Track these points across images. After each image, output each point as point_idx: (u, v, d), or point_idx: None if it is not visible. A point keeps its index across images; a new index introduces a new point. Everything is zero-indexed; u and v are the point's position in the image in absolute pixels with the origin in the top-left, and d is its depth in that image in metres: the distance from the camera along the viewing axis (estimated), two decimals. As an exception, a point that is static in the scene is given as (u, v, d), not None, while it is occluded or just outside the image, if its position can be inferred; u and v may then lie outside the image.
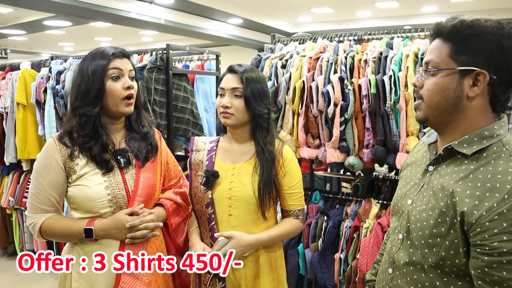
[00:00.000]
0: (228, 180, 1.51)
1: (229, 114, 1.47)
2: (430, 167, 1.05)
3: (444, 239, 0.94)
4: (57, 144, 1.40)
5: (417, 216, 1.01)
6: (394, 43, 2.11)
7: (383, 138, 1.98)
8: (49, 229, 1.38)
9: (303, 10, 8.01)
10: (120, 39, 10.79)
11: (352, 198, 2.35)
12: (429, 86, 0.98)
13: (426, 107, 1.00)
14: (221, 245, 1.43)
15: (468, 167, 0.95)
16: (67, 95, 3.15)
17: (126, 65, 1.40)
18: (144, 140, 1.49)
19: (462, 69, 0.94)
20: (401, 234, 1.07)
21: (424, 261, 0.98)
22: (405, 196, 1.10)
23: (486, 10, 7.54)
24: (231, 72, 1.50)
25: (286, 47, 2.44)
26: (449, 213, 0.93)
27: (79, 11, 5.32)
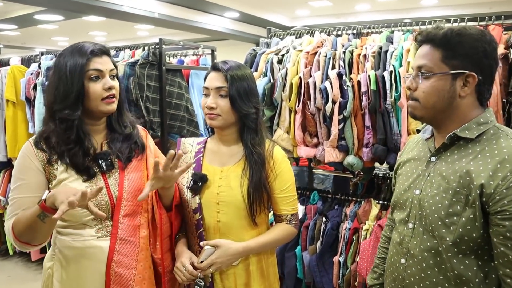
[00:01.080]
0: (216, 184, 1.42)
1: (214, 115, 1.38)
2: (432, 158, 1.17)
3: (460, 216, 1.05)
4: (34, 149, 1.31)
5: (430, 201, 1.11)
6: (395, 37, 2.02)
7: (384, 136, 1.90)
8: (17, 223, 1.24)
9: (301, 4, 7.88)
10: (114, 33, 10.65)
11: (352, 198, 2.27)
12: (425, 89, 1.10)
13: (422, 107, 1.12)
14: (207, 254, 1.34)
15: (474, 150, 1.08)
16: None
17: (106, 64, 1.31)
18: (126, 140, 1.40)
19: (454, 73, 1.07)
20: (411, 224, 1.17)
21: (441, 242, 1.08)
22: (410, 188, 1.20)
23: (487, 3, 7.43)
24: (215, 70, 1.41)
25: (282, 41, 2.35)
26: (463, 191, 1.05)
27: (70, 5, 5.19)
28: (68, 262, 1.32)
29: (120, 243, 1.32)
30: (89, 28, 9.90)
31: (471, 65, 1.07)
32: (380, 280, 1.38)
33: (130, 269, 1.33)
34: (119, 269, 1.31)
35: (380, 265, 1.40)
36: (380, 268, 1.40)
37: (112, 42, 11.57)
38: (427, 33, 1.11)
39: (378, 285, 1.39)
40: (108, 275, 1.30)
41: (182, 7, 6.90)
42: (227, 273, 1.41)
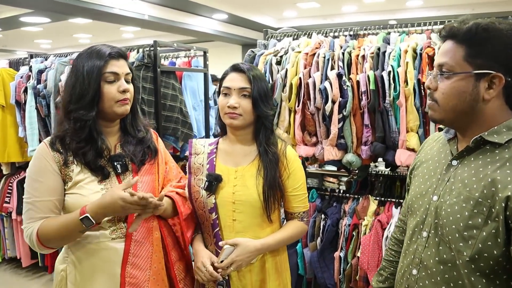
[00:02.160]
0: (231, 184, 1.45)
1: (236, 115, 1.41)
2: (454, 161, 1.05)
3: (481, 230, 0.93)
4: (50, 150, 1.32)
5: (448, 210, 1.00)
6: (391, 38, 2.08)
7: (382, 134, 1.96)
8: (46, 232, 1.25)
9: (289, 5, 7.95)
10: (100, 35, 10.55)
11: (350, 195, 2.33)
12: (445, 90, 0.99)
13: (442, 109, 1.02)
14: (227, 253, 1.37)
15: (502, 156, 0.96)
16: (50, 94, 3.04)
17: (123, 68, 1.34)
18: (140, 144, 1.43)
19: (478, 73, 0.95)
20: (426, 232, 1.06)
21: (458, 256, 0.97)
22: (427, 193, 1.09)
23: (470, 4, 7.62)
24: (237, 71, 1.44)
25: (279, 43, 2.39)
26: (486, 202, 0.93)
27: (60, 7, 5.13)
28: (82, 264, 1.33)
29: (135, 244, 1.34)
30: (74, 30, 9.78)
31: (498, 64, 0.95)
32: (386, 284, 1.32)
33: (145, 271, 1.35)
34: (133, 270, 1.33)
35: (387, 268, 1.33)
36: (386, 271, 1.33)
37: (97, 44, 11.45)
38: (450, 28, 0.99)
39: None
40: (123, 276, 1.31)
41: (171, 9, 6.90)
42: (243, 271, 1.44)
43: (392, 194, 2.48)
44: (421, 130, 1.89)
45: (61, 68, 3.07)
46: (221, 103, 1.44)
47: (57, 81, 3.01)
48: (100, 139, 1.34)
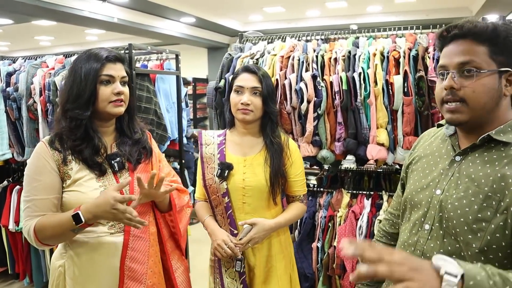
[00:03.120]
0: (241, 172, 1.64)
1: (248, 111, 1.61)
2: (457, 157, 1.09)
3: (490, 223, 0.97)
4: (49, 149, 1.36)
5: (455, 204, 1.03)
6: (360, 42, 2.24)
7: (354, 131, 2.11)
8: (43, 228, 1.30)
9: (256, 9, 8.11)
10: (62, 37, 10.27)
11: (324, 189, 2.47)
12: (477, 87, 1.00)
13: (471, 109, 1.01)
14: (245, 232, 1.57)
15: (508, 154, 1.00)
16: (21, 97, 3.00)
17: (119, 71, 1.41)
18: (136, 145, 1.49)
19: (501, 70, 1.00)
20: (428, 225, 1.09)
21: (466, 248, 1.00)
22: (428, 187, 1.12)
23: (424, 11, 8.07)
24: (249, 72, 1.64)
25: (255, 46, 2.50)
26: (495, 196, 0.97)
27: (27, 9, 4.98)
28: (81, 259, 1.38)
29: (133, 239, 1.40)
30: (36, 32, 9.48)
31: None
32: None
33: (143, 264, 1.41)
34: (132, 264, 1.38)
35: None
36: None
37: (58, 47, 11.12)
38: (469, 28, 1.01)
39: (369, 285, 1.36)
40: (122, 270, 1.37)
41: (140, 12, 6.86)
42: (255, 248, 1.67)
43: (361, 187, 2.64)
44: (390, 126, 2.05)
45: (32, 71, 3.03)
46: (235, 100, 1.63)
47: (29, 84, 2.98)
48: (97, 137, 1.40)
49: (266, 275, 1.69)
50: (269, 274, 1.69)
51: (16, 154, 3.16)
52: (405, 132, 2.02)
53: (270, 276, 1.69)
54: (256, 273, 1.68)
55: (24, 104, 2.97)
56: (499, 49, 0.99)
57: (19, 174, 3.50)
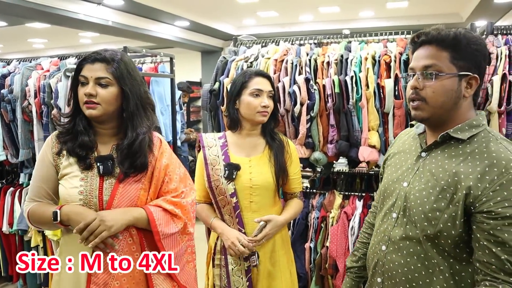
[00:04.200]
0: (247, 172, 1.71)
1: (267, 113, 1.73)
2: (423, 153, 1.22)
3: (443, 212, 1.10)
4: (53, 139, 1.44)
5: (416, 194, 1.16)
6: (352, 46, 2.30)
7: (346, 133, 2.15)
8: (33, 215, 1.41)
9: (250, 14, 8.17)
10: (56, 40, 10.25)
11: (317, 191, 2.51)
12: (436, 88, 1.12)
13: (430, 107, 1.14)
14: (260, 228, 1.65)
15: (464, 151, 1.12)
16: (16, 99, 3.00)
17: (95, 71, 1.35)
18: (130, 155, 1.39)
19: (461, 74, 1.11)
20: (395, 214, 1.23)
21: (422, 233, 1.13)
22: (398, 180, 1.25)
23: (416, 16, 8.19)
24: (263, 76, 1.75)
25: (249, 49, 2.54)
26: (449, 190, 1.10)
27: (22, 11, 4.98)
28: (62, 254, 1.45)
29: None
30: (29, 35, 9.46)
31: (474, 67, 1.11)
32: (359, 263, 1.47)
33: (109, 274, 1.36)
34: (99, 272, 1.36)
35: (360, 249, 1.48)
36: (360, 252, 1.48)
37: (51, 50, 11.09)
38: (433, 34, 1.12)
39: (357, 267, 1.47)
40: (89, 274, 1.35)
41: (135, 15, 6.88)
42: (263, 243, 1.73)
43: (353, 189, 2.68)
44: (381, 129, 2.10)
45: (27, 73, 3.04)
46: (254, 103, 1.70)
47: (24, 86, 2.98)
48: (85, 134, 1.41)
49: (270, 270, 1.75)
50: (273, 270, 1.75)
51: (10, 156, 3.16)
52: (396, 134, 2.06)
53: (274, 272, 1.75)
54: (261, 269, 1.73)
55: (19, 106, 2.98)
56: (460, 55, 1.10)
57: (13, 176, 3.49)
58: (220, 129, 2.41)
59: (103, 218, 1.30)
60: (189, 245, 1.51)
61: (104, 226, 1.29)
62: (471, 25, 2.20)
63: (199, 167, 1.77)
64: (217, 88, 2.33)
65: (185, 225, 1.47)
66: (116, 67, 1.37)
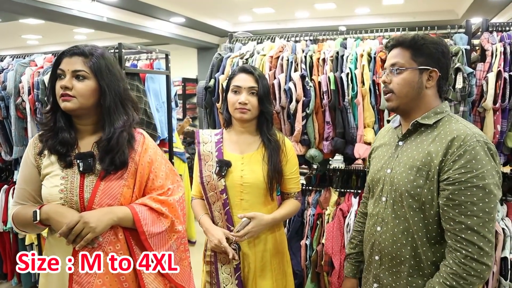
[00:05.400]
0: (239, 169, 1.69)
1: (246, 110, 1.66)
2: (400, 142, 1.42)
3: (422, 188, 1.29)
4: (36, 139, 1.42)
5: (398, 177, 1.35)
6: (348, 43, 2.29)
7: (342, 130, 2.15)
8: (17, 218, 1.39)
9: (245, 10, 8.13)
10: (51, 37, 10.16)
11: (313, 188, 2.50)
12: (399, 81, 1.35)
13: (397, 97, 1.36)
14: (243, 225, 1.62)
15: (432, 134, 1.32)
16: (9, 96, 2.98)
17: (72, 64, 1.33)
18: (108, 151, 1.37)
19: (421, 68, 1.33)
20: (384, 197, 1.41)
21: (409, 210, 1.32)
22: (382, 168, 1.44)
23: (411, 13, 8.19)
24: (246, 73, 1.69)
25: (245, 46, 2.52)
26: (424, 168, 1.29)
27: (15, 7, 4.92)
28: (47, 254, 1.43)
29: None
30: (23, 31, 9.36)
31: (433, 62, 1.33)
32: (357, 249, 1.65)
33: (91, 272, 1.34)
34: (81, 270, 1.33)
35: (357, 237, 1.67)
36: (356, 239, 1.66)
37: (46, 47, 11.00)
38: (397, 39, 1.37)
39: (355, 253, 1.66)
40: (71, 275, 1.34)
41: (130, 11, 6.83)
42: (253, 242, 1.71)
43: (349, 186, 2.68)
44: (377, 126, 2.10)
45: (21, 69, 3.01)
46: (232, 99, 1.67)
47: (17, 83, 2.96)
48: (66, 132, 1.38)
49: (261, 270, 1.73)
50: (264, 270, 1.74)
51: (4, 154, 3.13)
52: (391, 131, 2.07)
53: (265, 272, 1.74)
54: (251, 268, 1.72)
55: (12, 103, 2.95)
56: (419, 52, 1.33)
57: (6, 174, 3.47)
58: (216, 126, 2.40)
59: (86, 220, 1.28)
60: (180, 242, 1.49)
61: (88, 228, 1.28)
62: (467, 22, 2.20)
63: (195, 163, 1.77)
64: (212, 85, 2.32)
65: (173, 223, 1.44)
66: (94, 62, 1.35)
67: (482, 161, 1.20)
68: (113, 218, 1.33)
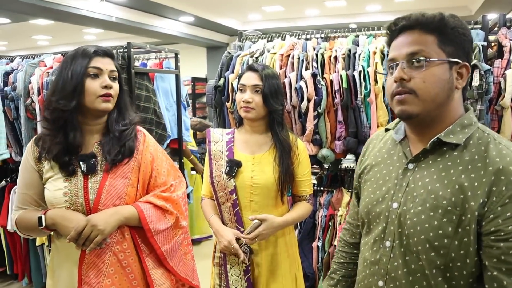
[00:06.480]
0: (249, 169, 1.65)
1: (250, 109, 1.62)
2: (410, 165, 1.00)
3: (452, 239, 0.90)
4: (32, 145, 1.40)
5: (414, 219, 0.95)
6: (360, 40, 2.23)
7: (355, 130, 2.10)
8: (20, 222, 1.39)
9: (255, 8, 8.10)
10: (60, 37, 10.25)
11: (324, 188, 2.46)
12: (426, 77, 0.92)
13: (422, 100, 0.93)
14: (254, 226, 1.57)
15: (462, 159, 0.92)
16: (19, 97, 2.98)
17: (107, 65, 1.36)
18: (117, 141, 1.38)
19: (451, 61, 0.93)
20: (389, 242, 1.00)
21: (430, 266, 0.93)
22: (384, 199, 1.03)
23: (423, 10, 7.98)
24: (252, 70, 1.65)
25: (255, 44, 2.48)
26: (455, 210, 0.89)
27: (25, 8, 4.95)
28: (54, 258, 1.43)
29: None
30: (33, 31, 9.46)
31: (463, 54, 0.95)
32: (338, 287, 1.25)
33: (100, 272, 1.33)
34: (89, 270, 1.33)
35: (338, 271, 1.26)
36: (338, 274, 1.26)
37: (56, 47, 11.10)
38: (417, 18, 0.96)
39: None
40: (80, 273, 1.33)
41: (139, 11, 6.85)
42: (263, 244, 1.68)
43: (362, 187, 2.63)
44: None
45: (30, 70, 3.01)
46: (237, 98, 1.65)
47: (27, 83, 2.96)
48: (73, 134, 1.34)
49: (271, 273, 1.70)
50: (274, 273, 1.70)
51: (14, 154, 3.14)
52: (405, 130, 2.01)
53: (275, 275, 1.70)
54: (261, 271, 1.69)
55: (22, 103, 2.96)
56: (447, 39, 0.93)
57: (17, 174, 3.47)
58: (226, 126, 2.36)
59: (94, 223, 1.28)
60: (184, 237, 1.52)
61: (96, 231, 1.28)
62: (483, 18, 2.13)
63: (206, 162, 1.75)
64: (222, 84, 2.29)
65: (177, 219, 1.47)
66: (116, 62, 1.42)
67: None
68: (120, 219, 1.34)
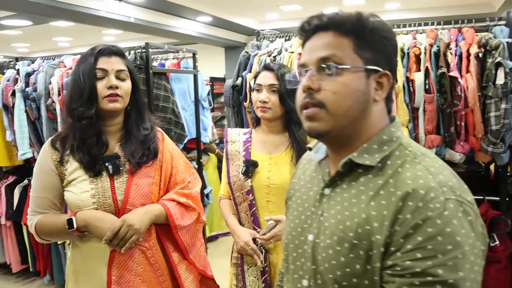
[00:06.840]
0: (266, 170, 1.64)
1: (266, 108, 1.60)
2: (326, 189, 0.84)
3: (361, 278, 0.74)
4: (49, 148, 1.38)
5: (323, 254, 0.79)
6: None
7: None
8: (42, 227, 1.37)
9: (272, 8, 8.06)
10: (81, 38, 10.42)
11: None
12: (337, 88, 0.77)
13: (332, 115, 0.78)
14: (269, 227, 1.56)
15: (375, 183, 0.77)
16: (40, 97, 3.04)
17: (113, 64, 1.35)
18: (141, 144, 1.41)
19: (369, 69, 0.79)
20: (306, 280, 0.84)
21: None
22: (303, 230, 0.87)
23: (444, 7, 7.90)
24: (268, 70, 1.63)
25: (272, 44, 2.47)
26: (361, 244, 0.74)
27: (45, 10, 5.05)
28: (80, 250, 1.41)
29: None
30: (54, 33, 9.65)
31: (384, 61, 0.80)
32: None
33: (131, 271, 1.35)
34: (119, 269, 1.34)
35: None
36: None
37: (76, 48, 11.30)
38: (331, 18, 0.81)
39: None
40: (109, 274, 1.34)
41: (157, 11, 6.90)
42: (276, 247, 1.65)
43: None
44: (411, 125, 2.00)
45: (50, 71, 3.07)
46: (254, 98, 1.64)
47: (47, 84, 3.02)
48: (100, 137, 1.36)
49: None
50: None
51: (37, 154, 3.20)
52: (427, 130, 1.97)
53: None
54: (277, 271, 1.65)
55: (43, 104, 3.02)
56: (365, 42, 0.79)
57: (39, 173, 3.54)
58: (243, 125, 2.36)
59: (130, 222, 1.30)
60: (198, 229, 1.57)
61: (133, 231, 1.30)
62: (508, 14, 2.07)
63: (223, 162, 1.76)
64: (239, 84, 2.29)
65: (199, 214, 1.52)
66: (128, 61, 1.41)
67: (455, 237, 0.67)
68: (151, 217, 1.37)
